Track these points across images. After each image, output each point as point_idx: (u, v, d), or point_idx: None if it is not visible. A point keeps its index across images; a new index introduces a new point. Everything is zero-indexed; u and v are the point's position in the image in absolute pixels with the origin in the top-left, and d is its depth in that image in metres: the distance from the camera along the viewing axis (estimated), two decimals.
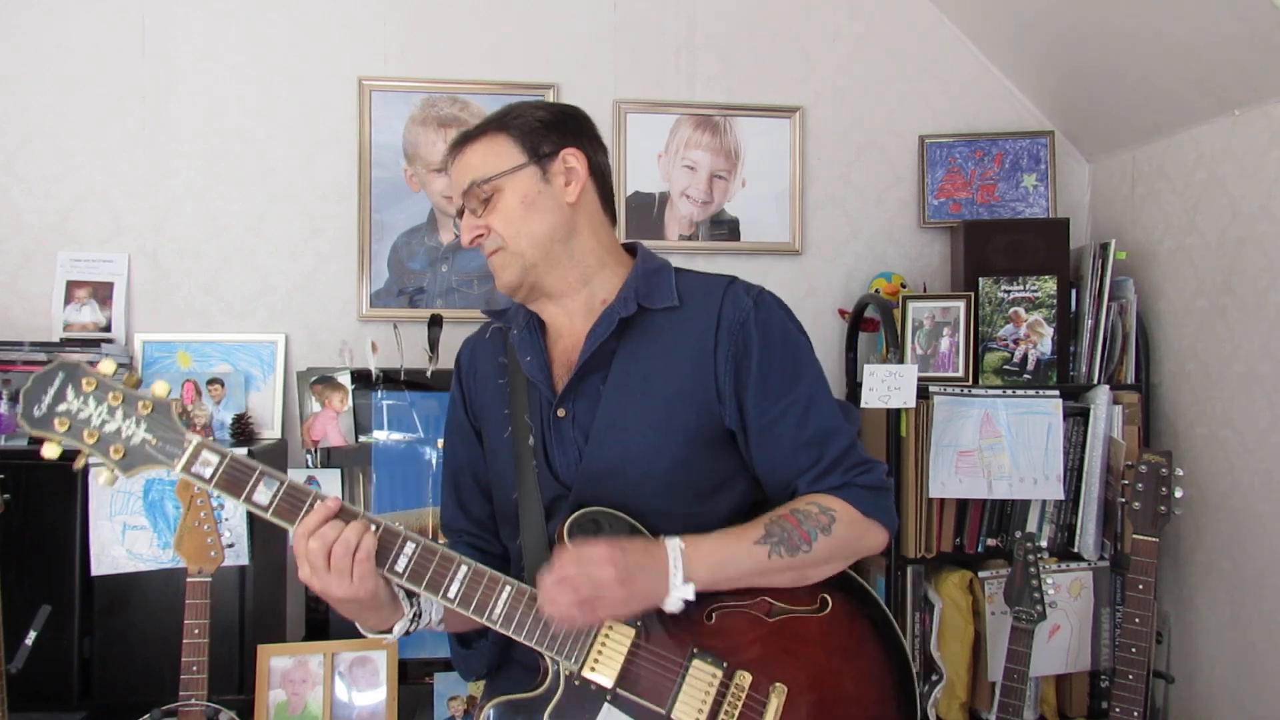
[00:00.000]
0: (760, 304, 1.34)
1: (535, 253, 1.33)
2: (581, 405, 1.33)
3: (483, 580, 1.24)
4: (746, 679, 1.27)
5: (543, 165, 1.34)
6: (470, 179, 1.33)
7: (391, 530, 1.23)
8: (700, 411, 1.30)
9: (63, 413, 1.15)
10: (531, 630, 1.25)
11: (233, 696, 2.12)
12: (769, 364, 1.31)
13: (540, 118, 1.35)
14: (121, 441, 1.16)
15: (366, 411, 2.41)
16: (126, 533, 2.13)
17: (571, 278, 1.36)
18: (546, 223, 1.33)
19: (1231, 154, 2.30)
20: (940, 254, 2.88)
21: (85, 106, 2.56)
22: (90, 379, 1.16)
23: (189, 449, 1.17)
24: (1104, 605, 2.45)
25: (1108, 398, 2.46)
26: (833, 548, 1.28)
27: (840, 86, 2.86)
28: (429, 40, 2.69)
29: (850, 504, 1.30)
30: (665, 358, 1.32)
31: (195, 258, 2.61)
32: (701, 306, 1.34)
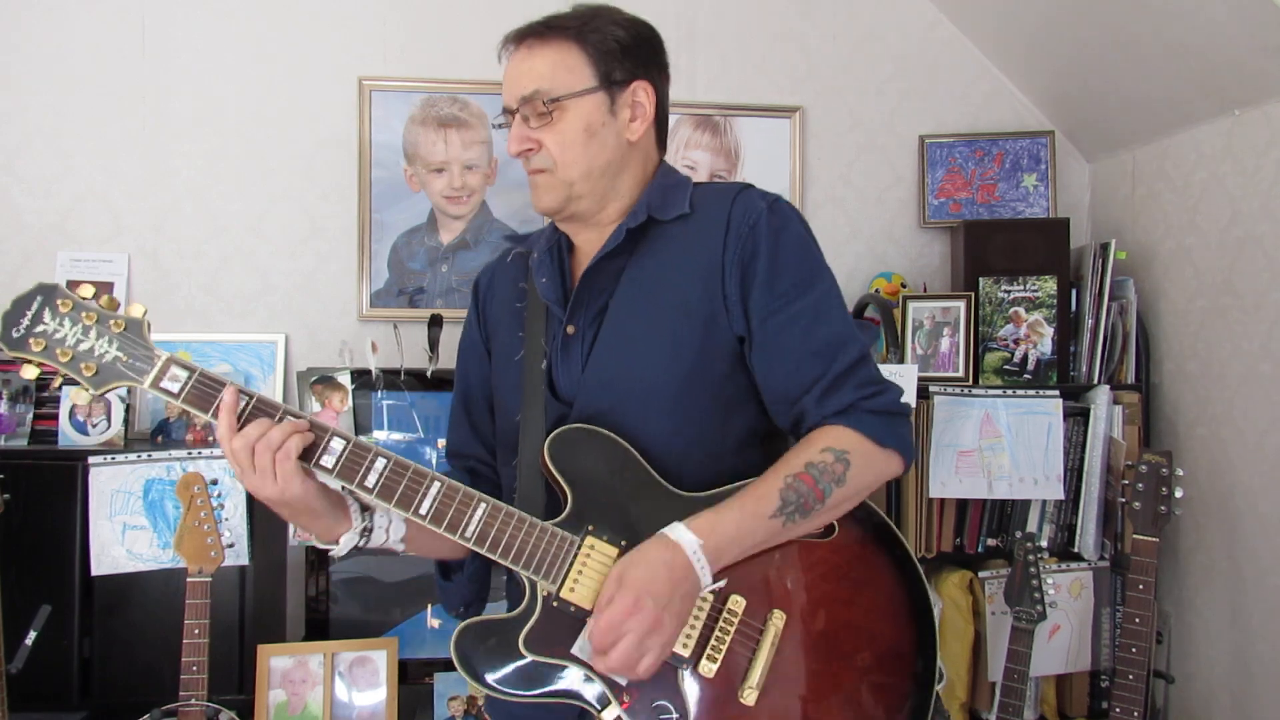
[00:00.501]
0: (774, 208, 1.27)
1: (584, 184, 1.27)
2: (589, 321, 1.28)
3: (456, 496, 1.19)
4: (740, 604, 1.19)
5: (612, 94, 1.27)
6: (534, 87, 1.24)
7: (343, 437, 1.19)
8: (708, 321, 1.23)
9: (39, 333, 1.17)
10: (507, 548, 1.18)
11: (233, 696, 2.12)
12: (777, 267, 1.24)
13: (619, 38, 1.27)
14: (94, 359, 1.17)
15: (366, 411, 2.40)
16: (126, 533, 2.13)
17: (612, 209, 1.31)
18: (603, 156, 1.27)
19: (1231, 154, 2.30)
20: (940, 254, 2.88)
21: (85, 106, 2.56)
22: (66, 300, 1.18)
23: (158, 364, 1.18)
24: (1104, 605, 2.45)
25: (1108, 398, 2.46)
26: (846, 495, 1.20)
27: (840, 86, 2.86)
28: (429, 40, 2.69)
29: (864, 435, 1.20)
30: (674, 267, 1.26)
31: (195, 258, 2.61)
32: (713, 212, 1.27)
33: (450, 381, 1.53)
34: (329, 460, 1.18)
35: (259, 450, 1.15)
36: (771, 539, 1.20)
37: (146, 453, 2.18)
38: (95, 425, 2.35)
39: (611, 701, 1.17)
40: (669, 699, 1.18)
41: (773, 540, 1.20)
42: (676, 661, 1.18)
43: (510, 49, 1.29)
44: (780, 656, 1.19)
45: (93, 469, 2.13)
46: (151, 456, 2.17)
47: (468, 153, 2.68)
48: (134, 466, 2.15)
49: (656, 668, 1.14)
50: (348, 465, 1.18)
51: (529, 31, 1.27)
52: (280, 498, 1.16)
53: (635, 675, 1.13)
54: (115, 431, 2.35)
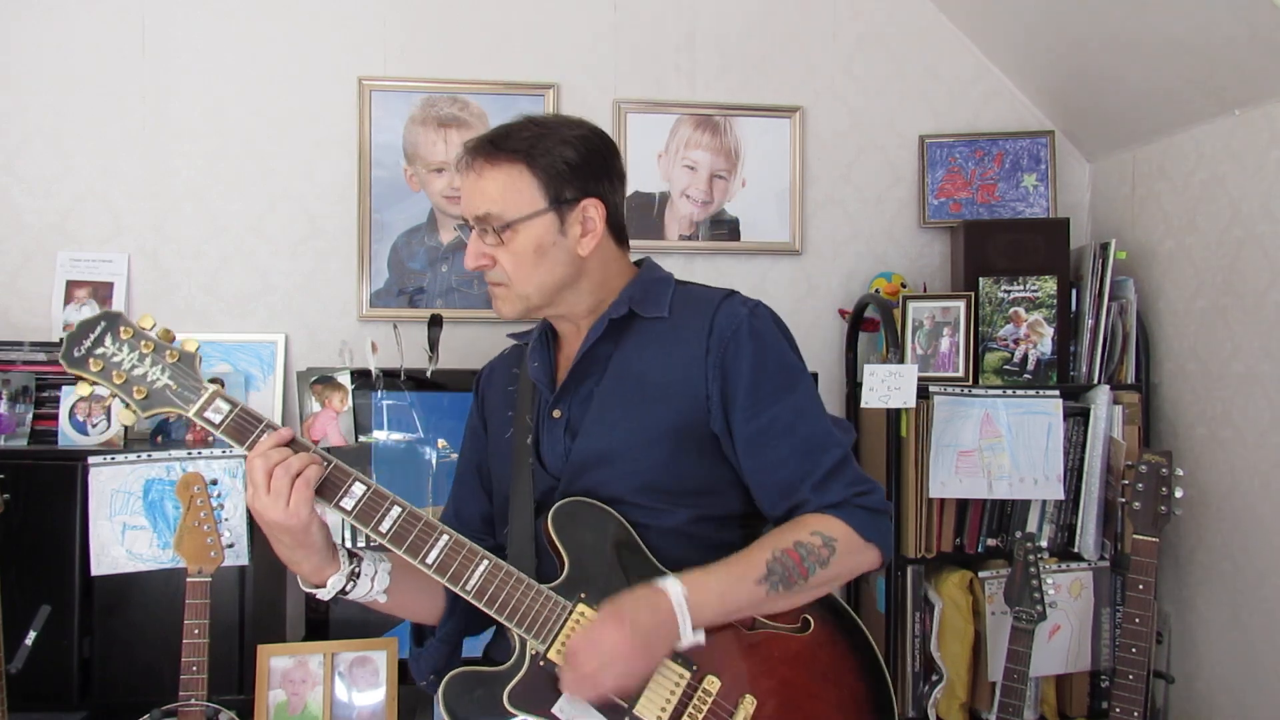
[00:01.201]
0: (756, 314, 1.34)
1: (539, 298, 1.35)
2: (576, 406, 1.36)
3: (461, 551, 1.26)
4: (715, 684, 1.26)
5: (561, 213, 1.32)
6: (486, 210, 1.31)
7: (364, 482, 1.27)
8: (684, 412, 1.31)
9: (99, 355, 1.25)
10: (504, 605, 1.25)
11: (233, 696, 2.12)
12: (760, 372, 1.31)
13: (568, 159, 1.31)
14: (145, 384, 1.25)
15: (366, 411, 2.40)
16: (126, 533, 2.13)
17: (580, 309, 1.39)
18: (556, 273, 1.33)
19: (1231, 154, 2.31)
20: (940, 254, 2.88)
21: (85, 106, 2.56)
22: (128, 328, 1.26)
23: (204, 395, 1.26)
24: (1104, 605, 2.45)
25: (1108, 398, 2.46)
26: (827, 578, 1.28)
27: (840, 86, 2.86)
28: (429, 40, 2.69)
29: (852, 528, 1.28)
30: (658, 361, 1.33)
31: (195, 258, 2.61)
32: (696, 315, 1.35)
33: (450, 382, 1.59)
34: (349, 503, 1.25)
35: (278, 473, 1.21)
36: (754, 605, 1.27)
37: (146, 453, 2.18)
38: (95, 425, 2.35)
39: None
40: None
41: (755, 607, 1.27)
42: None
43: (464, 166, 1.34)
44: None
45: (93, 469, 2.13)
46: (151, 456, 2.16)
47: None
48: (134, 466, 2.15)
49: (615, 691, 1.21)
50: (365, 509, 1.25)
51: (480, 150, 1.32)
52: (285, 522, 1.22)
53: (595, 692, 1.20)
54: (115, 431, 2.35)
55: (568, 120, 1.37)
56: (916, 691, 2.47)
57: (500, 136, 1.32)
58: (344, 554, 1.31)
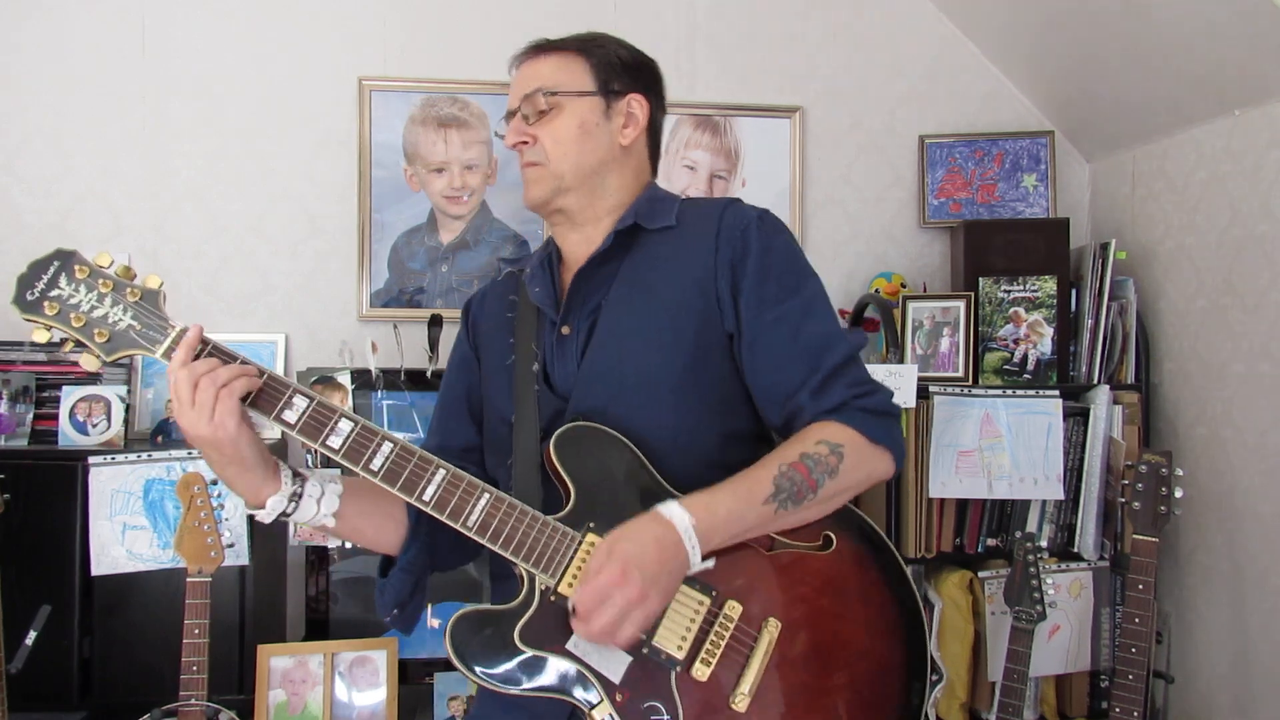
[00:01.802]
0: (764, 217, 1.32)
1: (573, 178, 1.33)
2: (584, 322, 1.32)
3: (460, 485, 1.20)
4: (736, 610, 1.21)
5: (608, 100, 1.35)
6: (536, 85, 1.33)
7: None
8: (701, 318, 1.27)
9: (54, 298, 1.18)
10: (508, 539, 1.19)
11: (233, 696, 2.12)
12: (766, 269, 1.28)
13: (621, 56, 1.39)
14: (107, 326, 1.17)
15: (367, 411, 2.40)
16: (126, 533, 2.13)
17: (599, 208, 1.36)
18: (594, 155, 1.34)
19: (1231, 154, 2.31)
20: (940, 254, 2.88)
21: (85, 106, 2.56)
22: (83, 267, 1.18)
23: (171, 334, 1.18)
24: (1104, 605, 2.45)
25: (1108, 398, 2.46)
26: (837, 487, 1.22)
27: (840, 86, 2.86)
28: (429, 40, 2.69)
29: (858, 431, 1.23)
30: (666, 270, 1.31)
31: (195, 258, 2.61)
32: (703, 221, 1.32)
33: None
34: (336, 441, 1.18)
35: (203, 384, 1.14)
36: (763, 525, 1.21)
37: (146, 453, 2.18)
38: (95, 425, 2.35)
39: (603, 699, 1.17)
40: (661, 700, 1.18)
41: (764, 527, 1.22)
42: (670, 664, 1.18)
43: (519, 60, 1.39)
44: (773, 664, 1.21)
45: (93, 469, 2.13)
46: (151, 456, 2.17)
47: (468, 153, 2.68)
48: (134, 466, 2.15)
49: (635, 639, 1.15)
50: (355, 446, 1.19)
51: (539, 44, 1.39)
52: (212, 436, 1.15)
53: (614, 643, 1.14)
54: (115, 431, 2.35)
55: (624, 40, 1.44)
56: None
57: (556, 37, 1.39)
58: (287, 473, 1.24)
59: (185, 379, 1.15)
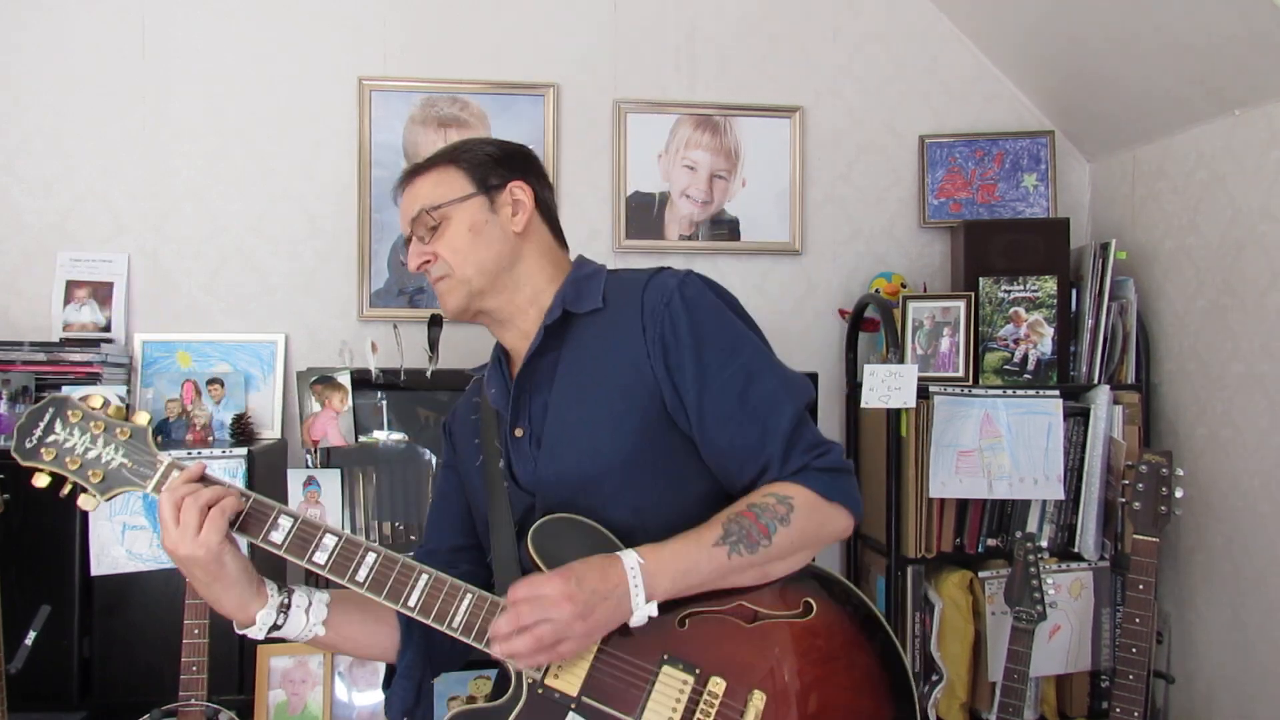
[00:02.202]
0: (685, 283, 1.32)
1: (481, 280, 1.35)
2: (534, 419, 1.34)
3: (443, 588, 1.23)
4: (721, 685, 1.23)
5: (490, 196, 1.36)
6: (419, 206, 1.36)
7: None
8: (644, 401, 1.28)
9: (50, 443, 1.24)
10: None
11: (233, 696, 2.12)
12: (699, 341, 1.28)
13: (489, 152, 1.39)
14: (100, 466, 1.24)
15: (367, 411, 2.41)
16: (126, 533, 2.13)
17: (519, 300, 1.38)
18: (492, 251, 1.35)
19: (1231, 154, 2.31)
20: (940, 254, 2.88)
21: (85, 106, 2.56)
22: (76, 411, 1.25)
23: (160, 469, 1.25)
24: (1104, 605, 2.45)
25: (1108, 398, 2.46)
26: (793, 539, 1.23)
27: (840, 86, 2.86)
28: (429, 40, 2.69)
29: (808, 488, 1.25)
30: (603, 358, 1.32)
31: (195, 258, 2.61)
32: (628, 300, 1.33)
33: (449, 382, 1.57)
34: (321, 557, 1.22)
35: (186, 504, 1.19)
36: (717, 573, 1.22)
37: None
38: None
39: None
40: None
41: (720, 575, 1.23)
42: None
43: (400, 190, 1.41)
44: None
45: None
46: None
47: None
48: None
49: (546, 655, 1.17)
50: (340, 560, 1.23)
51: (411, 170, 1.40)
52: (194, 553, 1.18)
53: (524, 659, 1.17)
54: None
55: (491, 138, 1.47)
56: (917, 692, 2.47)
57: (425, 158, 1.41)
58: (273, 586, 1.27)
59: (168, 500, 1.20)
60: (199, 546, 1.18)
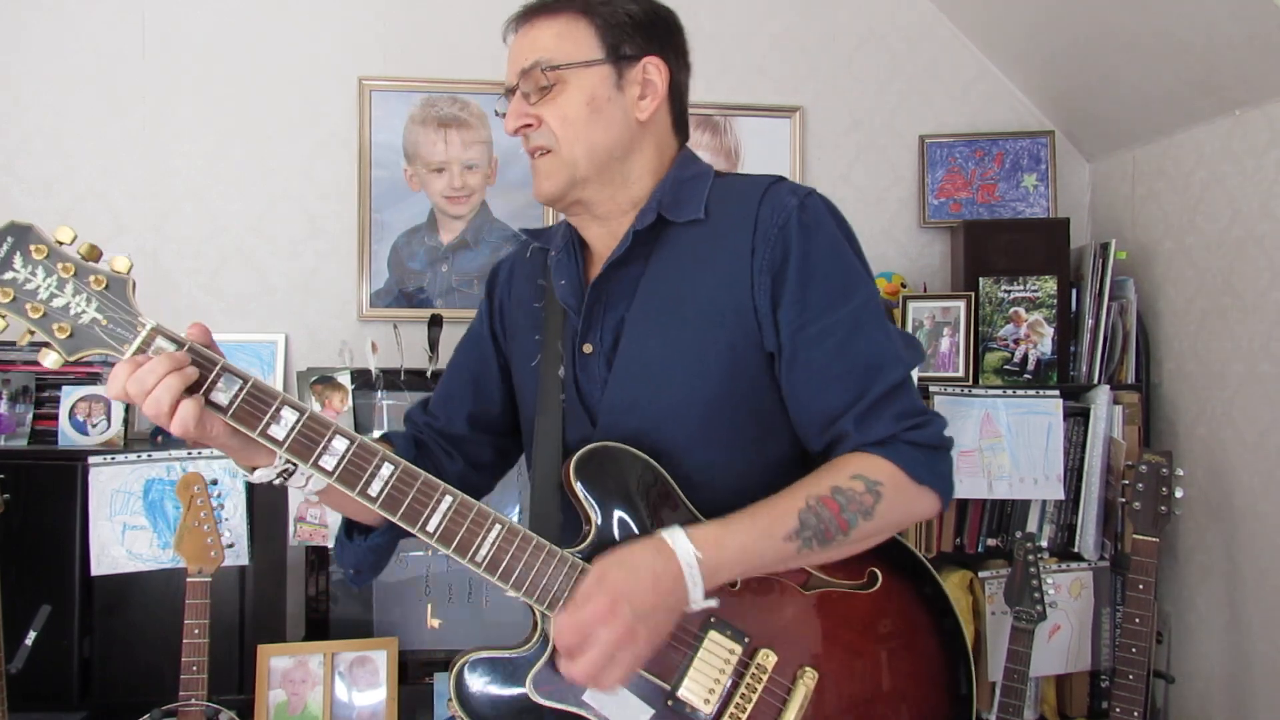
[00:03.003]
0: (807, 205, 1.14)
1: (588, 166, 1.16)
2: (608, 338, 1.17)
3: (469, 514, 1.06)
4: (771, 659, 1.10)
5: (620, 68, 1.16)
6: (535, 58, 1.14)
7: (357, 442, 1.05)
8: (736, 337, 1.12)
9: (7, 281, 1.01)
10: (521, 579, 1.07)
11: (233, 696, 2.12)
12: (809, 275, 1.11)
13: (631, 12, 1.17)
14: (69, 319, 1.02)
15: (367, 411, 2.40)
16: (126, 533, 2.13)
17: (622, 199, 1.19)
18: (609, 135, 1.16)
19: (1231, 154, 2.30)
20: (940, 254, 2.88)
21: (85, 106, 2.56)
22: (41, 246, 1.02)
23: (141, 334, 1.04)
24: (1104, 605, 2.45)
25: (1108, 398, 2.46)
26: (873, 530, 1.10)
27: (840, 86, 2.86)
28: (429, 40, 2.69)
29: (901, 468, 1.09)
30: (696, 276, 1.14)
31: (195, 258, 2.61)
32: (737, 213, 1.15)
33: None
34: (329, 461, 1.05)
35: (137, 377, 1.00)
36: (781, 563, 1.09)
37: (146, 453, 2.18)
38: (95, 425, 2.35)
39: None
40: None
41: (782, 565, 1.10)
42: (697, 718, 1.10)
43: (514, 27, 1.20)
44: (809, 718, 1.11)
45: (93, 469, 2.13)
46: (151, 456, 2.17)
47: (468, 153, 2.68)
48: (134, 466, 2.15)
49: (623, 682, 1.04)
50: (350, 469, 1.06)
51: (536, 6, 1.19)
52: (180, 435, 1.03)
53: (599, 687, 1.04)
54: (115, 431, 2.35)
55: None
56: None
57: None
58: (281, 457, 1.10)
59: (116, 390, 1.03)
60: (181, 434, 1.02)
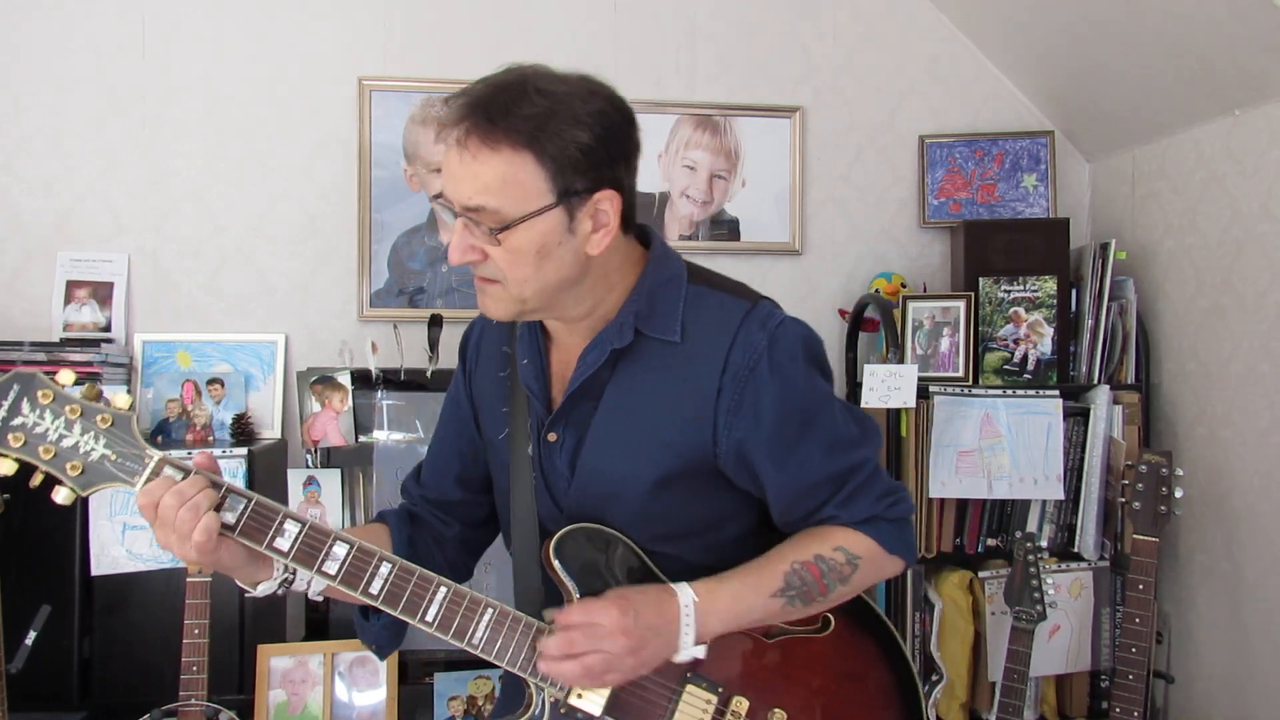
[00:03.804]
0: (778, 341, 1.16)
1: (537, 300, 1.14)
2: (571, 432, 1.22)
3: (463, 602, 1.15)
4: (744, 705, 1.22)
5: (571, 207, 1.09)
6: (479, 202, 1.07)
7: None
8: (690, 450, 1.18)
9: (17, 427, 1.07)
10: (515, 655, 1.16)
11: (233, 696, 2.12)
12: (780, 416, 1.17)
13: (582, 145, 1.08)
14: (79, 457, 1.08)
15: (367, 411, 2.40)
16: (126, 533, 2.13)
17: (577, 311, 1.20)
18: (560, 274, 1.12)
19: (1231, 154, 2.31)
20: (940, 254, 2.88)
21: (85, 106, 2.56)
22: (47, 391, 1.08)
23: (150, 464, 1.09)
24: (1104, 605, 2.45)
25: (1108, 398, 2.46)
26: (847, 592, 1.23)
27: (840, 86, 2.86)
28: (429, 40, 2.69)
29: (877, 542, 1.22)
30: (662, 393, 1.18)
31: (195, 258, 2.61)
32: (709, 347, 1.17)
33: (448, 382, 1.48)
34: (332, 567, 1.12)
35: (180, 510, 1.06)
36: (768, 618, 1.21)
37: None
38: None
39: None
40: None
41: (768, 620, 1.21)
42: None
43: (453, 140, 1.08)
44: None
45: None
46: None
47: None
48: None
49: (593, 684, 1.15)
50: (352, 571, 1.13)
51: (476, 128, 1.07)
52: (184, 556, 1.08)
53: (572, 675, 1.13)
54: None
55: (579, 89, 1.10)
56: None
57: (499, 111, 1.06)
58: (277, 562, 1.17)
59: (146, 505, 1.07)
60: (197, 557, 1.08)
